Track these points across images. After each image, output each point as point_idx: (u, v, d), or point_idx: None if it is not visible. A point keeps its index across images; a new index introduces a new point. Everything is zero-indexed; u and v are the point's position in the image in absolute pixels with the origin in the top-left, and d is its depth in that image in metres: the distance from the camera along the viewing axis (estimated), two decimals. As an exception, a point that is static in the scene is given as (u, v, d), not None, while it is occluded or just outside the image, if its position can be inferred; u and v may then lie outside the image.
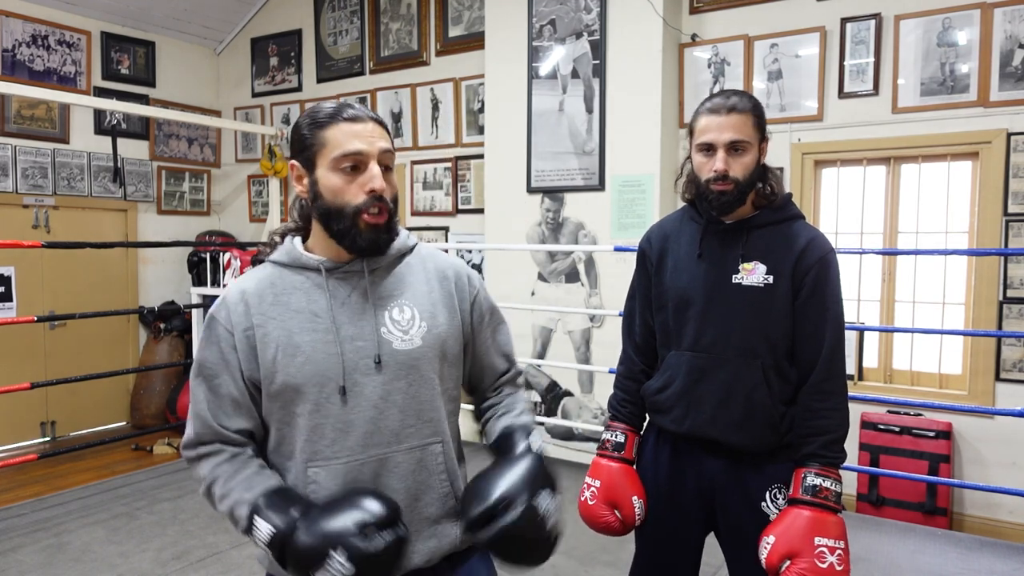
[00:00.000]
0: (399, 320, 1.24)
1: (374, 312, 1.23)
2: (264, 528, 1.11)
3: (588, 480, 1.75)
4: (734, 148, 1.55)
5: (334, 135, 1.18)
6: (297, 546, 1.08)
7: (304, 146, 1.21)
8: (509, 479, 1.18)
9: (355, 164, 1.18)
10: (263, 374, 1.20)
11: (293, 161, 1.24)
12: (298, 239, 1.30)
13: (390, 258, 1.27)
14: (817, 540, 1.47)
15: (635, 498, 1.69)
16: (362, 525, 1.07)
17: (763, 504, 1.60)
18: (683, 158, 1.75)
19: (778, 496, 1.60)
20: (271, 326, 1.20)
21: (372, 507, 1.10)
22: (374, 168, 1.18)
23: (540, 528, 1.18)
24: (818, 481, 1.52)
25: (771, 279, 1.58)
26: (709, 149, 1.57)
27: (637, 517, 1.69)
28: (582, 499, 1.75)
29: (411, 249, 1.32)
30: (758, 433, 1.58)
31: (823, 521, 1.49)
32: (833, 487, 1.53)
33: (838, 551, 1.48)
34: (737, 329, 1.59)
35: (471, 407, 1.48)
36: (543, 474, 1.22)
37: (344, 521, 1.08)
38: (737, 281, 1.60)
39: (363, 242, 1.20)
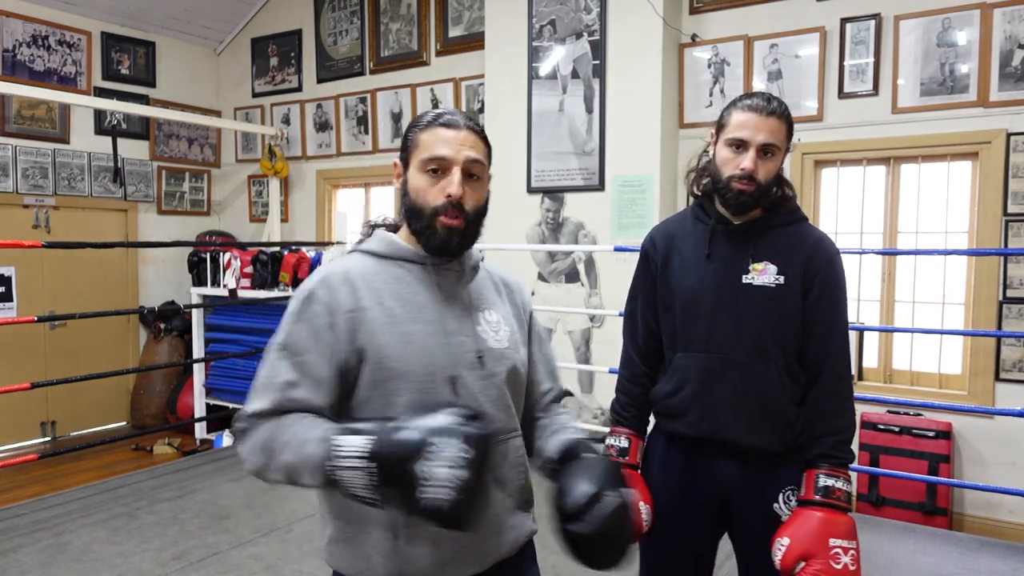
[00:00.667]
0: (491, 321, 1.29)
1: (471, 311, 1.28)
2: (353, 442, 1.04)
3: None
4: (765, 151, 1.55)
5: (426, 138, 1.23)
6: (398, 441, 1.02)
7: (405, 146, 1.27)
8: (596, 477, 1.19)
9: (438, 167, 1.22)
10: (370, 357, 1.18)
11: (396, 160, 1.30)
12: (390, 233, 1.31)
13: (471, 264, 1.32)
14: (831, 541, 1.48)
15: (642, 504, 1.66)
16: (455, 416, 1.06)
17: (775, 505, 1.60)
18: (693, 155, 1.73)
19: (791, 498, 1.60)
20: (378, 311, 1.20)
21: (453, 410, 1.09)
22: (455, 175, 1.21)
23: (627, 523, 1.20)
24: (830, 482, 1.52)
25: (782, 279, 1.57)
26: (740, 146, 1.55)
27: (644, 524, 1.66)
28: None
29: (481, 260, 1.38)
30: (774, 433, 1.58)
31: (835, 522, 1.50)
32: (844, 487, 1.53)
33: (851, 551, 1.49)
34: (749, 329, 1.58)
35: None
36: (620, 476, 1.24)
37: (438, 417, 1.05)
38: (748, 281, 1.58)
39: (436, 241, 1.23)
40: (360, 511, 1.19)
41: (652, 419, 1.77)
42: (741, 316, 1.58)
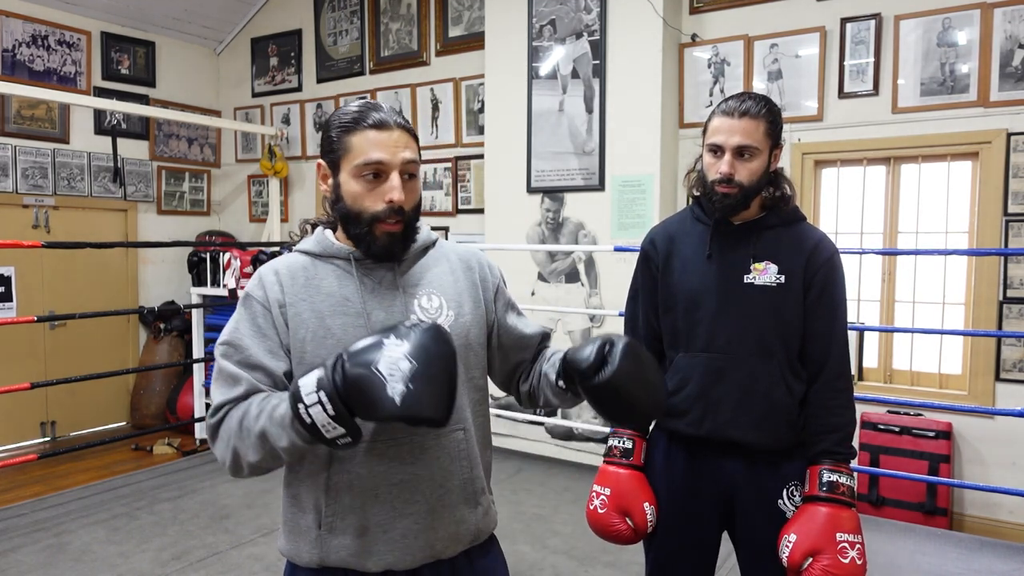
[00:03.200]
0: (427, 308, 1.26)
1: (404, 299, 1.25)
2: (309, 378, 1.03)
3: (597, 488, 1.73)
4: (741, 153, 1.56)
5: (358, 142, 1.19)
6: (349, 361, 1.01)
7: (330, 148, 1.23)
8: (595, 340, 1.19)
9: (376, 172, 1.19)
10: (294, 352, 1.20)
11: (320, 160, 1.26)
12: (328, 231, 1.31)
13: (415, 250, 1.29)
14: (838, 536, 1.49)
15: (647, 504, 1.67)
16: (402, 324, 1.06)
17: (780, 502, 1.62)
18: (693, 156, 1.77)
19: (795, 493, 1.62)
20: (302, 307, 1.21)
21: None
22: (394, 179, 1.19)
23: (645, 358, 1.19)
24: (834, 477, 1.54)
25: (783, 279, 1.59)
26: (717, 151, 1.59)
27: (649, 524, 1.68)
28: (591, 508, 1.72)
29: (433, 243, 1.35)
30: (777, 432, 1.60)
31: (841, 517, 1.51)
32: (848, 482, 1.55)
33: (857, 545, 1.50)
34: (753, 329, 1.60)
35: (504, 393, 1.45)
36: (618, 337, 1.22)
37: (384, 331, 1.06)
38: (749, 281, 1.60)
39: (377, 248, 1.22)
40: (300, 496, 1.23)
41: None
42: (744, 316, 1.60)
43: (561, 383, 1.26)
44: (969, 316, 3.68)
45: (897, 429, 3.68)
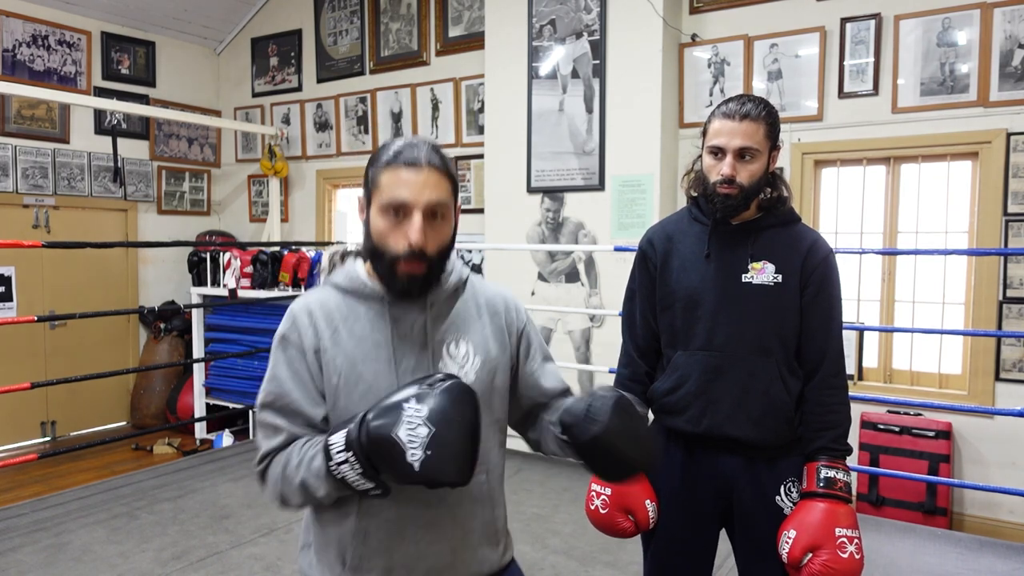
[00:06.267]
0: (455, 355, 1.26)
1: (432, 346, 1.25)
2: (338, 439, 1.09)
3: (596, 488, 1.74)
4: (742, 155, 1.58)
5: (387, 180, 1.18)
6: (372, 421, 1.06)
7: (366, 182, 1.24)
8: (587, 395, 1.21)
9: (398, 211, 1.18)
10: (327, 397, 1.22)
11: (359, 196, 1.27)
12: (360, 263, 1.30)
13: (447, 292, 1.28)
14: (837, 531, 1.52)
15: (648, 502, 1.69)
16: (421, 382, 1.10)
17: (777, 498, 1.64)
18: (693, 156, 1.77)
19: (792, 490, 1.64)
20: (335, 352, 1.21)
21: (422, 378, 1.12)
22: (416, 219, 1.16)
23: (634, 413, 1.19)
24: (831, 473, 1.56)
25: (780, 278, 1.61)
26: (718, 153, 1.60)
27: (651, 520, 1.70)
28: (592, 507, 1.74)
29: (464, 282, 1.33)
30: (775, 429, 1.62)
31: (839, 512, 1.54)
32: (844, 478, 1.57)
33: (856, 540, 1.53)
34: (751, 327, 1.62)
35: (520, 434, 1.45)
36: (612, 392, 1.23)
37: (405, 389, 1.09)
38: (747, 280, 1.63)
39: (397, 288, 1.21)
40: (327, 529, 1.25)
41: (650, 416, 1.79)
42: (742, 315, 1.62)
43: (563, 436, 1.26)
44: (969, 316, 3.68)
45: (897, 429, 3.68)
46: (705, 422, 1.64)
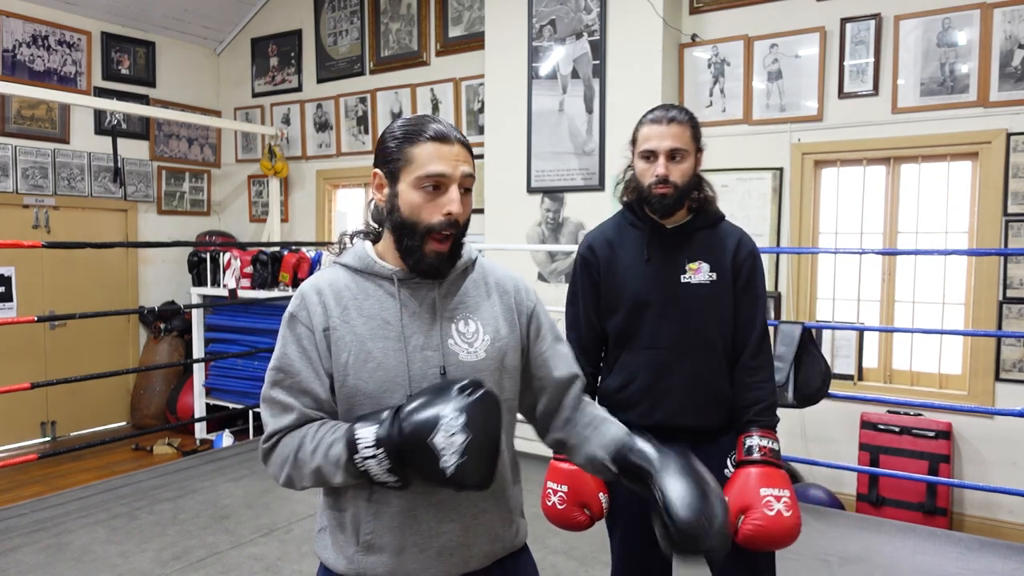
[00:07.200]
0: (465, 333, 1.27)
1: (441, 324, 1.26)
2: (367, 435, 1.11)
3: (552, 485, 1.81)
4: (673, 155, 1.71)
5: (421, 153, 1.20)
6: (406, 423, 1.09)
7: (390, 158, 1.23)
8: (692, 490, 1.18)
9: (436, 184, 1.20)
10: (336, 375, 1.23)
11: (376, 170, 1.27)
12: (368, 243, 1.31)
13: (457, 271, 1.30)
14: (763, 491, 1.62)
15: (601, 494, 1.79)
16: (457, 387, 1.12)
17: (725, 471, 1.75)
18: (624, 167, 1.87)
19: (731, 461, 1.76)
20: (344, 330, 1.22)
21: (454, 382, 1.14)
22: (454, 192, 1.20)
23: (727, 516, 1.21)
24: (761, 442, 1.68)
25: (714, 276, 1.75)
26: (651, 156, 1.73)
27: (605, 510, 1.81)
28: (549, 504, 1.81)
29: (474, 262, 1.35)
30: (718, 413, 1.77)
31: (768, 475, 1.64)
32: (771, 445, 1.69)
33: (784, 499, 1.62)
34: (694, 325, 1.74)
35: (526, 419, 1.45)
36: (695, 468, 1.22)
37: (441, 393, 1.12)
38: (687, 280, 1.75)
39: (425, 266, 1.23)
40: (341, 509, 1.26)
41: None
42: (685, 313, 1.75)
43: (614, 468, 1.27)
44: (969, 316, 3.68)
45: (897, 429, 3.68)
46: (656, 415, 1.75)
